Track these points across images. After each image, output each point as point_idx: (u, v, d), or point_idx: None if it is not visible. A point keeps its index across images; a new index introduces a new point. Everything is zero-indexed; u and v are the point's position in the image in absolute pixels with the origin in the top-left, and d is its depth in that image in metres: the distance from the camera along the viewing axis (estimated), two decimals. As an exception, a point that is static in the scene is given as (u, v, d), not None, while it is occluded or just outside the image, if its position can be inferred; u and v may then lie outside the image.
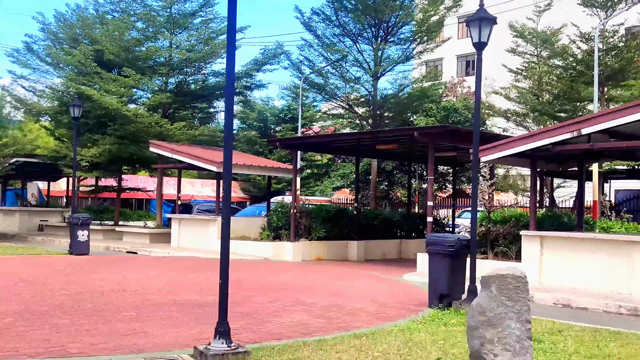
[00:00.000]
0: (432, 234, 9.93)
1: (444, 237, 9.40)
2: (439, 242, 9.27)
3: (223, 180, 5.61)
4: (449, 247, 9.14)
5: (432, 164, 14.79)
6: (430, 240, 9.45)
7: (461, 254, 9.33)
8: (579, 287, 11.55)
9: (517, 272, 4.89)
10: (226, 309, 5.62)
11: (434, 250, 9.32)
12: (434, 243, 9.35)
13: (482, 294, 4.96)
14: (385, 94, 23.74)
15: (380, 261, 18.52)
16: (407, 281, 13.03)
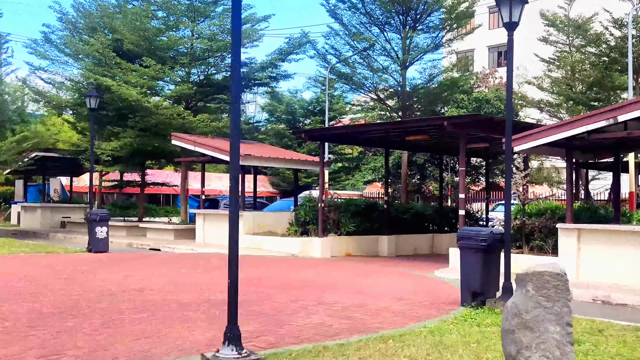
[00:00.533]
0: (465, 227, 9.42)
1: (477, 230, 8.89)
2: (471, 237, 8.77)
3: (230, 170, 5.24)
4: (482, 241, 8.63)
5: (464, 156, 14.23)
6: (461, 234, 8.95)
7: (495, 248, 8.81)
8: (619, 282, 10.92)
9: (555, 269, 4.41)
10: (236, 313, 5.26)
11: (466, 245, 8.83)
12: (466, 237, 8.85)
13: (518, 294, 4.49)
14: (415, 84, 23.14)
15: (412, 256, 18.02)
16: (438, 277, 12.54)
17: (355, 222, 18.03)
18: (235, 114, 5.11)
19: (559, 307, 4.37)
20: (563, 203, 14.79)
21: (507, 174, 8.86)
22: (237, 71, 5.11)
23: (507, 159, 8.88)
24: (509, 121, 8.95)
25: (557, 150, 13.19)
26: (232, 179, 5.29)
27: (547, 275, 4.38)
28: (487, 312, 8.32)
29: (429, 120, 14.74)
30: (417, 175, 34.58)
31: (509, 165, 8.88)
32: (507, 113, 8.99)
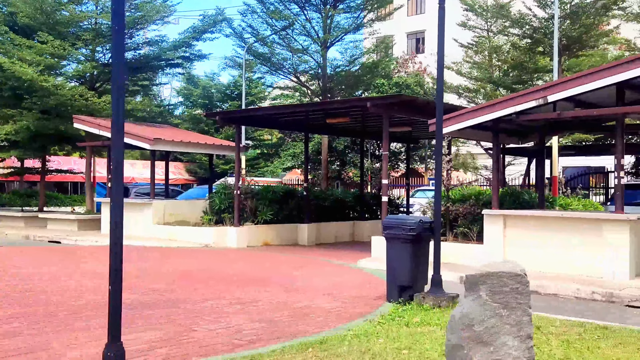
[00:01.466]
0: (390, 215, 8.60)
1: (404, 219, 8.09)
2: (398, 226, 7.96)
3: (112, 153, 4.09)
4: (410, 231, 7.84)
5: (387, 139, 13.49)
6: (387, 223, 8.13)
7: (424, 238, 8.06)
8: (546, 270, 10.51)
9: (515, 269, 3.58)
10: (119, 326, 4.13)
11: (393, 235, 8.02)
12: (393, 227, 8.03)
13: (469, 301, 3.63)
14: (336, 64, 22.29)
15: (333, 245, 17.24)
16: (362, 268, 11.75)
17: (274, 210, 17.05)
18: (118, 91, 3.98)
19: (518, 315, 3.55)
20: (486, 189, 14.37)
21: (437, 157, 8.10)
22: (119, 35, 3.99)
23: (437, 140, 8.12)
24: (439, 99, 8.18)
25: (482, 134, 12.69)
26: (114, 161, 4.15)
27: (505, 276, 3.54)
28: (415, 309, 7.55)
29: (351, 102, 13.90)
30: (337, 162, 33.97)
31: (439, 147, 8.12)
32: (437, 91, 8.22)
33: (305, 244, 17.16)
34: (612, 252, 9.83)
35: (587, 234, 10.18)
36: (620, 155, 10.00)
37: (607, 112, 9.85)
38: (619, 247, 9.79)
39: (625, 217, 9.80)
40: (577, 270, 10.22)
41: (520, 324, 3.50)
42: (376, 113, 14.32)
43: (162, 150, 19.12)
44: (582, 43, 20.78)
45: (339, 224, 18.80)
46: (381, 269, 11.28)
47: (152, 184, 18.04)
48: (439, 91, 8.16)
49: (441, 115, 8.17)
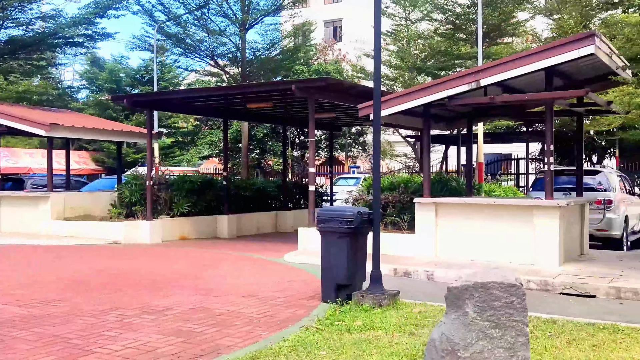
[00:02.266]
0: (325, 207, 7.80)
1: (341, 210, 7.30)
2: (335, 218, 7.17)
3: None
4: (348, 223, 7.07)
5: (313, 124, 12.69)
6: (322, 215, 7.31)
7: (363, 231, 7.31)
8: (480, 259, 10.10)
9: (508, 279, 2.85)
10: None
11: (329, 229, 7.22)
12: (328, 219, 7.23)
13: (451, 319, 2.88)
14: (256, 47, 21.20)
15: (256, 237, 16.31)
16: (290, 263, 10.90)
17: (191, 202, 15.89)
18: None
19: (513, 336, 2.82)
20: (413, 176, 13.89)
21: (375, 142, 7.36)
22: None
23: (375, 125, 7.37)
24: (377, 80, 7.43)
25: (411, 119, 12.13)
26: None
27: (495, 288, 2.81)
28: (354, 310, 6.81)
29: (274, 85, 12.98)
30: (257, 150, 32.92)
31: (377, 131, 7.38)
32: (374, 69, 7.47)
33: (226, 237, 16.15)
34: (543, 238, 9.53)
35: (519, 221, 9.83)
36: (550, 141, 9.68)
37: (539, 96, 9.50)
38: (549, 234, 9.50)
39: (556, 204, 9.51)
40: (509, 258, 9.86)
41: (515, 347, 2.78)
42: (301, 97, 13.47)
43: (62, 138, 17.41)
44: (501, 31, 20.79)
45: (261, 215, 17.89)
46: (311, 264, 10.51)
47: (49, 175, 16.31)
48: (376, 69, 7.41)
49: (379, 98, 7.43)
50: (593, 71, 10.19)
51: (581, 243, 10.85)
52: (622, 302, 7.62)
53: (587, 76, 10.61)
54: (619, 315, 6.98)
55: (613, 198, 12.08)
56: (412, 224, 11.50)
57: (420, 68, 22.47)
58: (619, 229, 11.97)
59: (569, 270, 9.13)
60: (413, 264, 9.90)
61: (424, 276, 9.38)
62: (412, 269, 9.54)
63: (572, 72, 10.14)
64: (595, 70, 10.03)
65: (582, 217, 10.97)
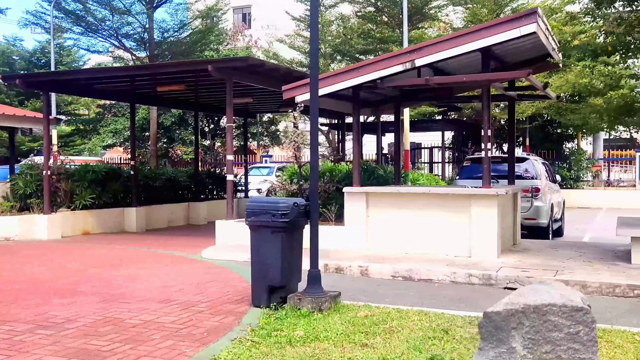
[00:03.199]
0: (255, 198, 6.73)
1: (274, 202, 6.31)
2: (267, 210, 6.17)
3: None
4: (283, 217, 6.10)
5: (231, 108, 11.58)
6: (252, 208, 6.29)
7: (299, 225, 6.38)
8: (415, 251, 9.47)
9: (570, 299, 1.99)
10: None
11: (260, 223, 6.21)
12: (259, 212, 6.22)
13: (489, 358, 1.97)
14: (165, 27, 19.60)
15: (167, 230, 14.96)
16: (209, 260, 9.76)
17: (95, 193, 14.31)
18: None
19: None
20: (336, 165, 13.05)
21: (312, 127, 6.40)
22: None
23: (312, 107, 6.42)
24: (314, 56, 6.47)
25: (339, 104, 11.29)
26: None
27: (553, 313, 1.97)
28: (292, 316, 5.86)
29: (189, 65, 11.70)
30: (164, 139, 31.05)
31: (314, 116, 6.42)
32: (311, 45, 6.51)
33: (135, 231, 14.70)
34: (481, 229, 9.00)
35: (455, 211, 9.26)
36: (487, 126, 9.15)
37: (477, 78, 8.92)
38: (487, 224, 8.98)
39: (494, 192, 9.01)
40: (446, 250, 9.28)
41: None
42: (217, 79, 12.31)
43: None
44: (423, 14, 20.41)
45: (173, 207, 16.53)
46: (233, 261, 9.45)
47: None
48: (313, 41, 6.44)
49: (316, 77, 6.49)
50: (528, 53, 9.76)
51: (514, 232, 10.47)
52: (570, 295, 7.15)
53: (520, 59, 10.19)
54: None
55: (540, 186, 11.84)
56: (340, 215, 10.70)
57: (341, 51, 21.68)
58: (546, 218, 11.75)
59: (509, 262, 8.63)
60: (345, 258, 9.08)
61: (357, 272, 8.58)
62: (345, 265, 8.71)
63: (508, 54, 9.66)
64: (531, 51, 9.60)
65: (514, 206, 10.59)
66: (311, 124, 6.40)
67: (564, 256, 9.13)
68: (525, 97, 11.50)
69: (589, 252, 9.57)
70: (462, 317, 5.91)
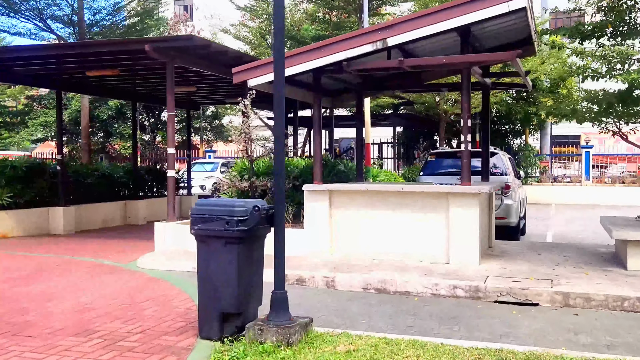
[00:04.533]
0: (204, 200, 5.17)
1: (228, 205, 4.80)
2: (219, 216, 4.69)
3: None
4: (240, 224, 4.63)
5: (172, 95, 9.94)
6: (201, 212, 4.79)
7: (260, 233, 4.91)
8: (386, 258, 8.17)
9: None
10: None
11: (210, 232, 4.72)
12: (209, 218, 4.73)
13: None
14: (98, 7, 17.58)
15: (100, 232, 13.14)
16: (145, 270, 8.13)
17: (14, 191, 12.36)
18: None
19: None
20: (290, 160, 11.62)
21: (277, 108, 4.95)
22: None
23: (276, 92, 4.97)
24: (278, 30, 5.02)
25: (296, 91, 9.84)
26: None
27: None
28: (253, 353, 4.41)
29: (123, 44, 9.96)
30: (101, 133, 28.75)
31: (280, 97, 4.97)
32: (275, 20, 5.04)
33: (62, 233, 12.81)
34: (460, 232, 7.79)
35: (430, 211, 8.01)
36: (467, 115, 7.93)
37: (458, 59, 7.66)
38: (467, 226, 7.78)
39: (476, 190, 7.80)
40: (420, 255, 8.03)
41: None
42: (157, 63, 10.67)
43: None
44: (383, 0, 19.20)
45: (108, 205, 14.67)
46: (174, 271, 7.89)
47: None
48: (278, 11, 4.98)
49: (282, 53, 5.05)
50: (509, 36, 8.61)
51: (489, 234, 9.33)
52: (577, 313, 6.00)
53: (498, 42, 9.03)
54: (597, 337, 5.29)
55: (510, 182, 10.77)
56: (298, 216, 9.30)
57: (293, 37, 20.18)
58: (516, 216, 10.70)
59: (493, 270, 7.43)
60: (307, 266, 7.67)
61: (322, 283, 7.20)
62: (307, 275, 7.30)
63: (487, 37, 8.49)
64: (512, 34, 8.44)
65: (490, 205, 9.45)
66: (275, 108, 4.95)
67: (549, 261, 8.02)
68: (500, 85, 10.41)
69: (573, 255, 8.53)
70: (468, 349, 4.62)
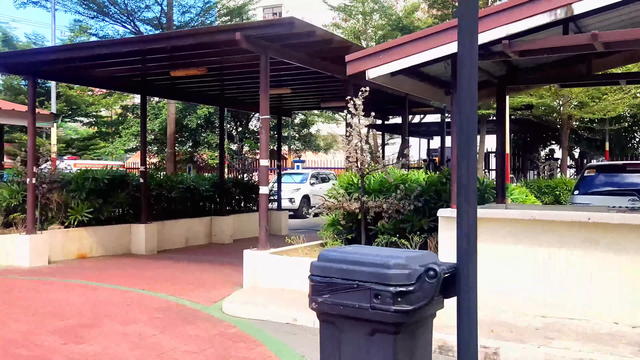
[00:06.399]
0: (332, 251, 3.10)
1: (375, 260, 2.67)
2: (360, 280, 2.57)
3: None
4: (399, 298, 2.49)
5: (267, 95, 8.03)
6: (326, 272, 2.70)
7: (428, 314, 2.76)
8: (559, 314, 5.78)
9: None
10: None
11: (344, 311, 2.61)
12: (341, 283, 2.62)
13: None
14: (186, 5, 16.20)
15: (183, 253, 11.54)
16: (232, 320, 6.14)
17: (95, 206, 10.98)
18: None
19: None
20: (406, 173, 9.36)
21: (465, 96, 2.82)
22: None
23: (466, 61, 2.81)
24: None
25: (418, 85, 7.67)
26: None
27: None
28: None
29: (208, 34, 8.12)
30: (190, 142, 27.75)
31: (470, 78, 2.82)
32: None
33: (143, 253, 11.31)
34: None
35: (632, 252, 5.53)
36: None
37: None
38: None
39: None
40: (615, 314, 5.57)
41: None
42: (247, 56, 8.86)
43: None
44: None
45: (192, 222, 13.09)
46: (271, 323, 5.88)
47: None
48: None
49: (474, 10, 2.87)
50: None
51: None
52: None
53: None
54: None
55: None
56: (424, 248, 7.10)
57: (405, 27, 18.00)
58: None
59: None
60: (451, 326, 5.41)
61: (481, 356, 4.92)
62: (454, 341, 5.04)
63: None
64: None
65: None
66: (463, 96, 2.79)
67: None
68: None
69: None
70: None
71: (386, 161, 8.57)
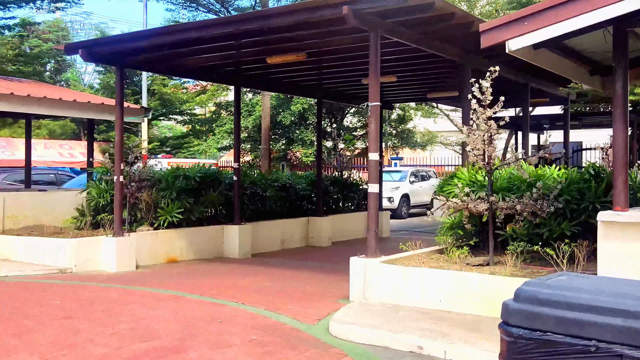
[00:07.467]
0: (536, 283, 2.13)
1: (618, 307, 1.62)
2: (598, 339, 1.50)
3: None
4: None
5: (377, 76, 7.04)
6: (534, 320, 1.66)
7: None
8: None
9: None
10: None
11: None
12: (561, 342, 1.57)
13: None
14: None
15: (279, 256, 10.89)
16: (340, 346, 5.18)
17: (186, 205, 10.50)
18: None
19: None
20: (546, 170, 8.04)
21: None
22: None
23: None
24: None
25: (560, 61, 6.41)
26: None
27: None
28: None
29: (309, 11, 7.24)
30: (283, 139, 27.35)
31: None
32: None
33: (236, 257, 10.73)
34: None
35: None
36: None
37: None
38: None
39: None
40: None
41: None
42: (352, 37, 7.94)
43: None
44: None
45: (287, 223, 12.41)
46: (389, 350, 4.88)
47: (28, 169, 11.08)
48: None
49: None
50: None
51: None
52: None
53: None
54: None
55: None
56: (572, 261, 5.85)
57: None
58: None
59: None
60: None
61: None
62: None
63: None
64: None
65: None
66: None
67: None
68: None
69: None
70: None
71: (518, 154, 7.30)
